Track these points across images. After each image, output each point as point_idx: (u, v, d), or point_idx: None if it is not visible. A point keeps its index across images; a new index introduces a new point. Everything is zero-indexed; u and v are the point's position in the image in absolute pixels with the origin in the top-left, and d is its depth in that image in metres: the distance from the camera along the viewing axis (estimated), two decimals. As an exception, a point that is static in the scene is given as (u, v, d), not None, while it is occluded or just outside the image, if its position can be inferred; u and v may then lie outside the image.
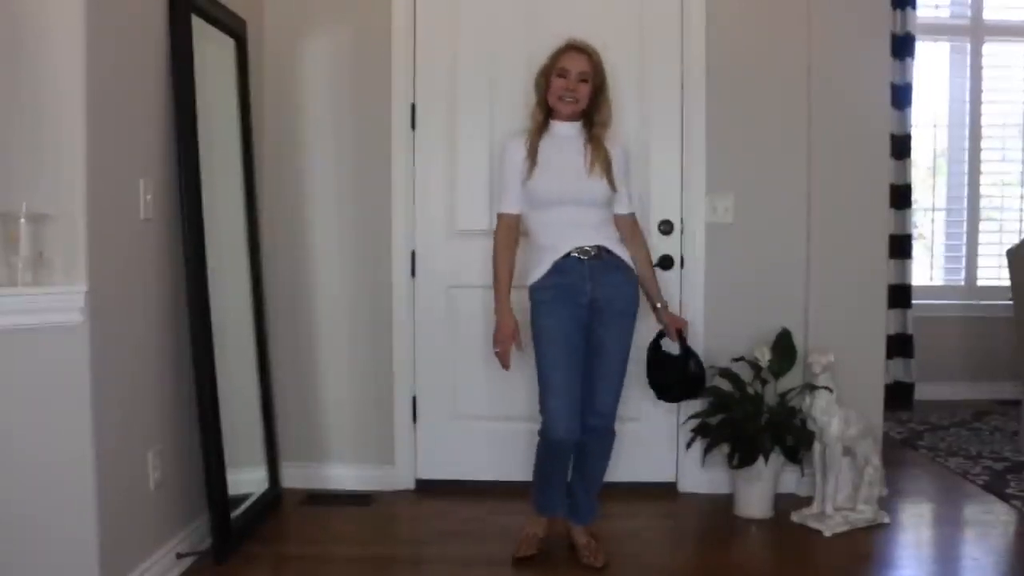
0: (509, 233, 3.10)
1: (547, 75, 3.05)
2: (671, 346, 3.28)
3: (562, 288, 3.00)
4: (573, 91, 3.01)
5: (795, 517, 3.50)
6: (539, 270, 3.02)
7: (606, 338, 3.03)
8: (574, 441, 3.04)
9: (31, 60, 2.44)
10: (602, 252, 3.02)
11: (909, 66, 5.45)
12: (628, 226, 3.16)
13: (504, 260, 3.08)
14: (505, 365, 3.08)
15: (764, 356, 3.55)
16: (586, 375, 3.04)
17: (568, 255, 3.00)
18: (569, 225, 3.01)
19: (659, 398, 3.39)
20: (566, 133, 3.06)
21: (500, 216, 3.12)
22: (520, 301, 3.10)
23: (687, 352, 3.28)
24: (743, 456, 3.45)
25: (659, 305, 3.20)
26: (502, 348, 3.06)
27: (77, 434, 2.48)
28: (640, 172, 3.76)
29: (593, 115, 3.05)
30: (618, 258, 3.06)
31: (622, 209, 3.13)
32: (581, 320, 3.01)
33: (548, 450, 3.07)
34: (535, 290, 3.04)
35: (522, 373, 3.79)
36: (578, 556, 3.14)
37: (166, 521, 2.96)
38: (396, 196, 3.79)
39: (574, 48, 3.04)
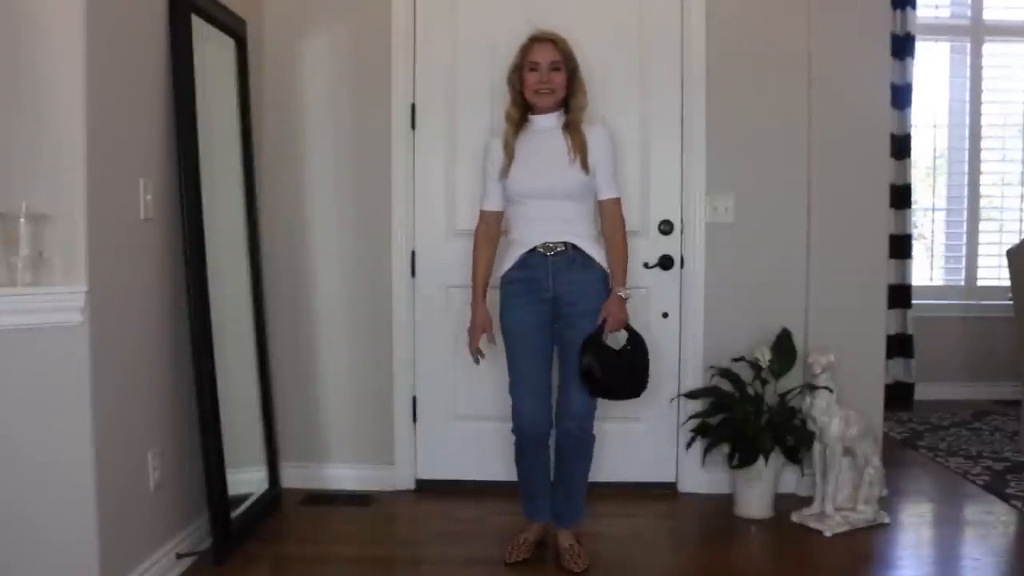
0: (488, 230, 3.15)
1: (519, 71, 3.05)
2: (612, 339, 3.05)
3: (526, 282, 3.02)
4: (547, 82, 3.00)
5: (795, 517, 3.50)
6: (507, 263, 3.06)
7: (573, 338, 3.00)
8: (541, 434, 3.04)
9: (31, 60, 2.44)
10: (569, 248, 3.00)
11: (909, 66, 5.44)
12: (608, 211, 3.08)
13: (482, 256, 3.13)
14: (473, 357, 3.12)
15: (764, 356, 3.55)
16: (560, 377, 3.05)
17: (534, 250, 3.00)
18: (540, 219, 3.00)
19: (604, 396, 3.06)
20: (545, 125, 3.06)
21: (480, 213, 3.17)
22: (492, 295, 3.16)
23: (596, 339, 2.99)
24: (743, 456, 3.45)
25: (613, 292, 3.01)
26: (470, 341, 3.11)
27: (77, 434, 2.48)
28: (640, 172, 3.77)
29: (570, 101, 3.05)
30: (586, 256, 3.01)
31: (604, 194, 3.06)
32: (544, 315, 3.02)
33: (518, 446, 3.10)
34: (502, 283, 3.08)
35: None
36: (560, 560, 3.09)
37: (166, 521, 2.96)
38: (396, 196, 3.79)
39: (540, 39, 3.04)
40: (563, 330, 3.03)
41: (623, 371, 3.02)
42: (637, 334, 3.09)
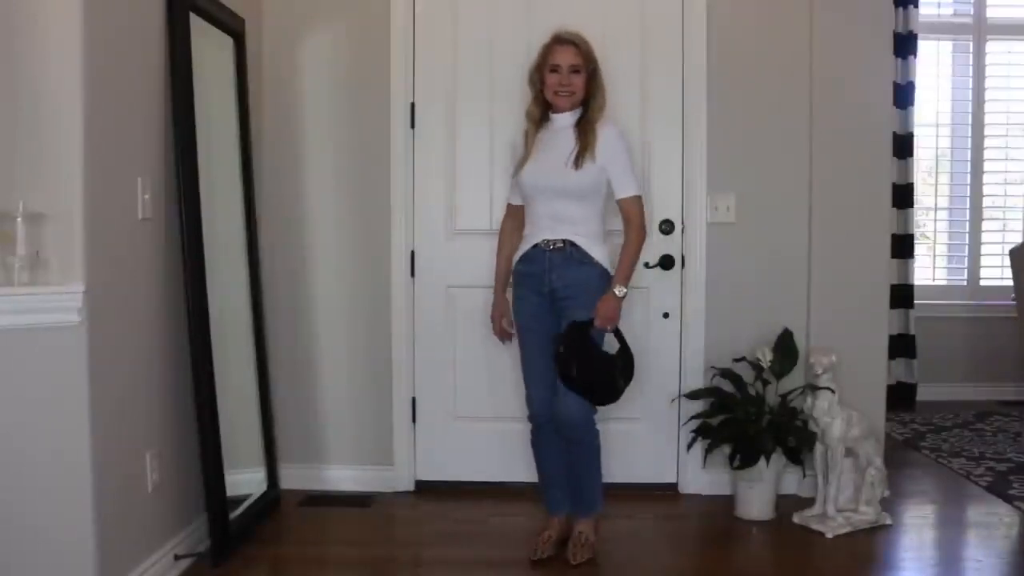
0: (509, 221, 3.30)
1: (540, 71, 3.12)
2: (600, 338, 3.06)
3: (529, 276, 3.13)
4: (568, 85, 3.06)
5: (797, 518, 3.48)
6: (516, 258, 3.19)
7: None
8: (548, 420, 3.11)
9: (28, 58, 2.43)
10: (567, 246, 3.06)
11: (912, 65, 5.42)
12: (623, 210, 3.12)
13: (503, 245, 3.30)
14: (499, 338, 3.36)
15: (765, 356, 3.53)
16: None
17: (536, 246, 3.10)
18: (546, 217, 3.09)
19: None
20: (562, 124, 3.12)
21: (506, 206, 3.34)
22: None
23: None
24: (744, 457, 3.43)
25: (609, 289, 3.02)
26: (493, 325, 3.33)
27: (74, 435, 2.46)
28: (641, 172, 3.74)
29: (589, 101, 3.10)
30: (584, 253, 3.06)
31: (621, 192, 3.11)
32: (545, 307, 3.11)
33: (532, 434, 3.22)
34: (513, 275, 3.22)
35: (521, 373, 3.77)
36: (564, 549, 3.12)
37: (164, 523, 2.95)
38: (395, 196, 3.77)
39: (562, 41, 3.09)
40: (559, 324, 3.07)
41: (600, 373, 3.02)
42: (627, 347, 3.10)
